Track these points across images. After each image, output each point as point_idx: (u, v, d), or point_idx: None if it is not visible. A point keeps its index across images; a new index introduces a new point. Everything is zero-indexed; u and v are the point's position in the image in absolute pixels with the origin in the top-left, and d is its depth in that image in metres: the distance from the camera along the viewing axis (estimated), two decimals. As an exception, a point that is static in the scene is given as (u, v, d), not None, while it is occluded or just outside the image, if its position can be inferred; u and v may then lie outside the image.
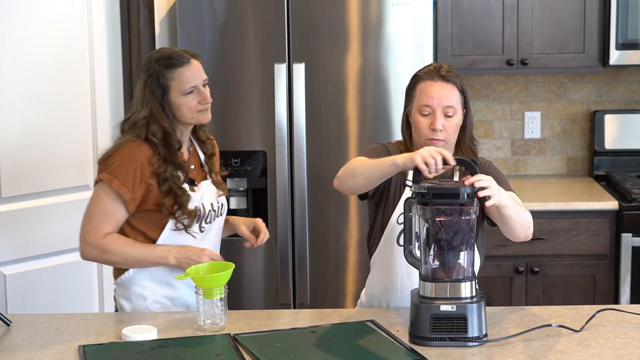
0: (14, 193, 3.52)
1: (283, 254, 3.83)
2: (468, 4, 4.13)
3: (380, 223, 2.65)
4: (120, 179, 2.58)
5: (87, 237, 2.63)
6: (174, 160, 2.63)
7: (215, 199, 2.74)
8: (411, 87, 2.62)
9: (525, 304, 3.94)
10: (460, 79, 2.60)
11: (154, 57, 2.65)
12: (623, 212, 3.88)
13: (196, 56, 2.67)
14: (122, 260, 2.63)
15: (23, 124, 3.52)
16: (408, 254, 2.40)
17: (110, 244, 2.60)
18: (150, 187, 2.61)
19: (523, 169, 4.57)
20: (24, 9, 3.50)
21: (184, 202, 2.62)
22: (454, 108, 2.56)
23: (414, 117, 2.59)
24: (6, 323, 2.50)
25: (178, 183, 2.62)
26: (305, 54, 3.75)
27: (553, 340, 2.29)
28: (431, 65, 2.62)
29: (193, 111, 2.64)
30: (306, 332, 2.38)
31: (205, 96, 2.65)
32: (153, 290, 2.67)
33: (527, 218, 2.48)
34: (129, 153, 2.60)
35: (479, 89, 4.52)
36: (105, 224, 2.61)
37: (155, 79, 2.62)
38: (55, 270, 3.65)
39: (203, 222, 2.69)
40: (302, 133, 3.77)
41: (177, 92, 2.62)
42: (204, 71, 2.68)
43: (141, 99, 2.64)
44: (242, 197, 3.87)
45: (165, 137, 2.62)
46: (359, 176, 2.45)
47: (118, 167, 2.58)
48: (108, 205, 2.60)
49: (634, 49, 4.07)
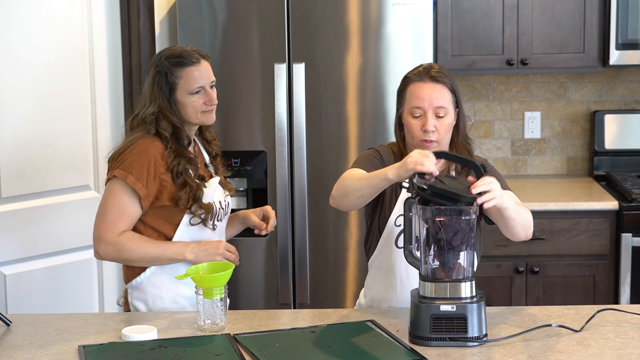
0: (14, 193, 3.52)
1: (283, 254, 3.83)
2: (468, 4, 4.13)
3: (378, 226, 2.65)
4: (135, 175, 2.57)
5: (103, 234, 2.60)
6: (186, 155, 2.64)
7: (223, 198, 2.75)
8: (402, 89, 2.62)
9: (525, 304, 3.94)
10: (450, 79, 2.58)
11: (164, 55, 2.66)
12: (623, 212, 3.88)
13: (206, 57, 2.69)
14: (138, 258, 2.61)
15: (23, 124, 3.52)
16: (408, 254, 2.40)
17: (127, 242, 2.59)
18: (165, 182, 2.60)
19: (523, 169, 4.57)
20: (24, 9, 3.50)
21: (200, 195, 2.62)
22: (445, 108, 2.55)
23: (406, 119, 2.58)
24: (6, 323, 2.50)
25: (192, 177, 2.63)
26: (305, 54, 3.75)
27: (553, 340, 2.29)
28: (421, 66, 2.61)
29: (197, 111, 2.65)
30: (306, 332, 2.38)
31: (212, 97, 2.67)
32: (171, 290, 2.66)
33: (527, 218, 2.48)
34: (143, 149, 2.59)
35: (479, 89, 4.52)
36: (121, 221, 2.59)
37: (164, 75, 2.63)
38: (55, 270, 3.65)
39: (215, 220, 2.70)
40: (302, 133, 3.77)
41: (184, 90, 2.63)
42: (212, 73, 2.69)
43: (150, 95, 2.65)
44: (242, 197, 3.87)
45: (175, 132, 2.63)
46: (352, 195, 2.45)
47: (132, 163, 2.57)
48: (123, 201, 2.59)
49: (634, 49, 4.07)
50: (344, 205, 2.50)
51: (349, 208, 2.52)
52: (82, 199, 3.68)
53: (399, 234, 2.59)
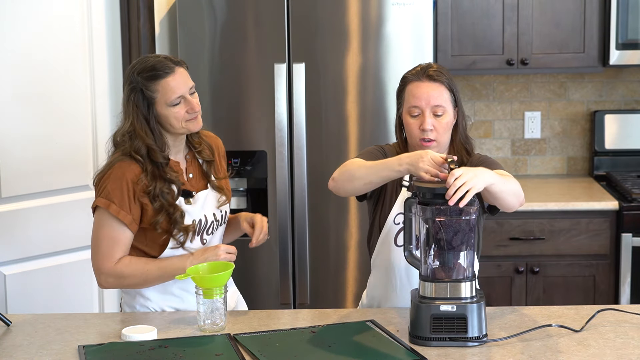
0: (14, 193, 3.52)
1: (283, 254, 3.83)
2: (468, 4, 4.13)
3: (378, 223, 2.65)
4: (117, 203, 2.52)
5: (101, 266, 2.56)
6: (163, 176, 2.55)
7: (217, 208, 2.68)
8: (401, 89, 2.62)
9: (525, 304, 3.94)
10: (448, 78, 2.57)
11: (137, 69, 2.55)
12: (623, 212, 3.88)
13: (181, 63, 2.57)
14: (141, 282, 2.57)
15: (23, 124, 3.53)
16: (408, 254, 2.40)
17: (125, 269, 2.55)
18: (145, 205, 2.55)
19: (523, 169, 4.57)
20: (24, 9, 3.50)
21: (177, 218, 2.55)
22: (443, 107, 2.55)
23: (405, 119, 2.59)
24: (6, 323, 2.50)
25: (169, 200, 2.55)
26: (305, 54, 3.75)
27: (553, 340, 2.29)
28: (419, 66, 2.61)
29: (181, 121, 2.54)
30: (306, 332, 2.38)
31: (193, 105, 2.55)
32: (156, 303, 2.65)
33: (515, 187, 2.42)
34: (119, 174, 2.53)
35: (479, 89, 4.52)
36: (115, 249, 2.55)
37: (140, 92, 2.53)
38: (55, 270, 3.65)
39: (204, 234, 2.64)
40: (302, 133, 3.77)
41: (163, 103, 2.53)
42: (189, 78, 2.58)
43: (124, 113, 2.58)
44: (242, 197, 3.87)
45: (149, 154, 2.54)
46: (359, 180, 2.43)
47: (112, 190, 2.52)
48: (112, 231, 2.54)
49: (634, 49, 4.07)
50: (344, 189, 2.48)
51: (348, 193, 2.50)
52: (82, 199, 3.68)
53: (398, 232, 2.59)
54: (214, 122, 3.77)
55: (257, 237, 2.66)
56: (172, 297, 2.65)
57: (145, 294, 2.64)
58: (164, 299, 2.64)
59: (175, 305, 2.65)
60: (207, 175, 2.70)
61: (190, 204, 2.60)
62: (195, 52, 3.79)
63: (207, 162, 2.70)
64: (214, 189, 2.69)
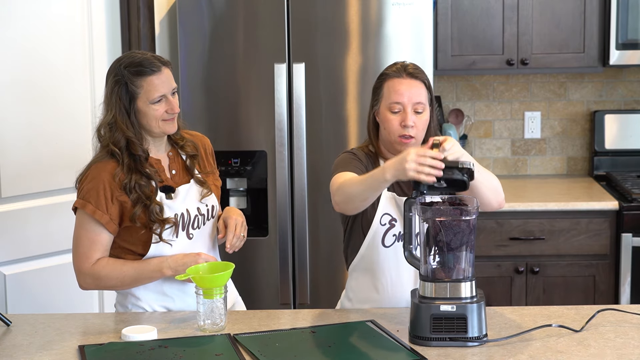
0: (14, 193, 3.52)
1: (283, 254, 3.83)
2: (468, 4, 4.13)
3: (361, 228, 2.64)
4: (93, 203, 2.53)
5: (80, 266, 2.58)
6: (141, 170, 2.56)
7: (200, 201, 2.66)
8: (378, 86, 2.63)
9: (525, 304, 3.94)
10: (426, 77, 2.62)
11: (124, 63, 2.57)
12: (623, 212, 3.88)
13: (167, 64, 2.60)
14: (117, 283, 2.58)
15: (23, 124, 3.52)
16: (408, 254, 2.40)
17: (101, 270, 2.56)
18: (125, 203, 2.55)
19: (523, 169, 4.57)
20: (24, 9, 3.50)
21: (154, 210, 2.55)
22: (423, 104, 2.57)
23: (384, 115, 2.59)
24: (6, 323, 2.50)
25: (146, 192, 2.55)
26: (305, 54, 3.75)
27: (553, 340, 2.29)
28: (397, 63, 2.63)
29: (159, 120, 2.56)
30: (306, 332, 2.38)
31: (173, 106, 2.57)
32: (148, 303, 2.64)
33: (495, 183, 2.52)
34: (95, 174, 2.56)
35: (479, 89, 4.52)
36: (93, 250, 2.56)
37: (124, 85, 2.55)
38: (55, 270, 3.65)
39: (190, 229, 2.63)
40: (302, 133, 3.77)
41: (145, 100, 2.55)
42: (173, 80, 2.60)
43: (107, 104, 2.59)
44: (242, 197, 3.87)
45: (128, 146, 2.56)
46: (356, 199, 2.42)
47: (89, 191, 2.55)
48: (90, 231, 2.56)
49: (634, 49, 4.07)
50: (349, 210, 2.49)
51: (354, 212, 2.51)
52: (82, 199, 3.67)
53: (385, 233, 2.58)
54: (214, 122, 3.78)
55: (231, 241, 2.60)
56: (164, 296, 2.64)
57: (136, 293, 2.64)
58: (155, 298, 2.64)
59: (167, 305, 2.65)
60: (190, 170, 2.69)
61: (171, 199, 2.60)
62: (195, 52, 3.79)
63: (190, 157, 2.70)
64: (197, 182, 2.68)
